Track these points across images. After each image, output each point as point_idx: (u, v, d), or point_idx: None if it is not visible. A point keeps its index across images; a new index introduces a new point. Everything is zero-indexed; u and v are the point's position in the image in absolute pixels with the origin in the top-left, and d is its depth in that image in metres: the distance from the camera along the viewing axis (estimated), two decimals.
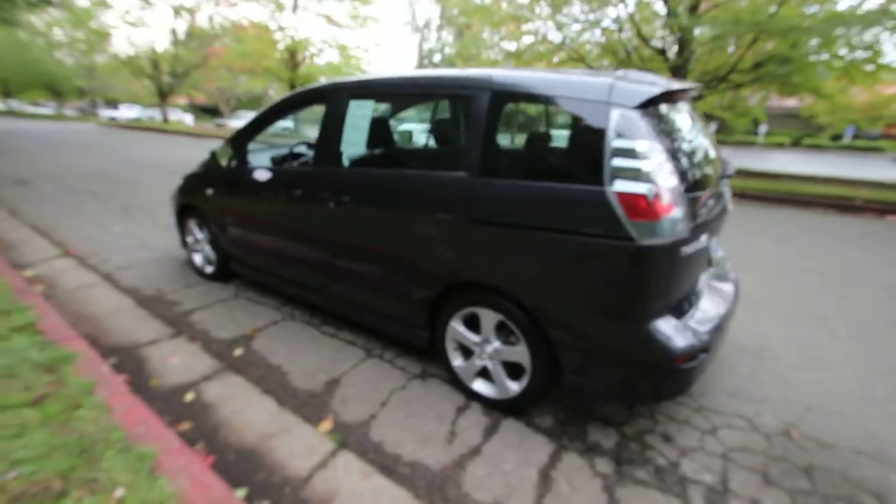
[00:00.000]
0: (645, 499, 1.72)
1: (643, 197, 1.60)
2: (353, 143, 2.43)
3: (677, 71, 10.32)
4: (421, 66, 33.98)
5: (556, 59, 11.92)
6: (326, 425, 2.07)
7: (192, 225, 3.64)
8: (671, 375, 1.73)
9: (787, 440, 2.04)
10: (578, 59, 11.69)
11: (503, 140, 1.96)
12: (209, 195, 3.29)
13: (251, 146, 3.14)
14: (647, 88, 1.69)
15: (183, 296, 3.40)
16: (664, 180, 1.62)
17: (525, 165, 1.87)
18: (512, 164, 1.89)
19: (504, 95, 1.92)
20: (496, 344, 2.09)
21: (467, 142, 1.99)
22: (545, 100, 1.85)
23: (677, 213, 1.63)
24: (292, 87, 18.75)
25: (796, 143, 27.39)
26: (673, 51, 10.28)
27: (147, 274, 3.79)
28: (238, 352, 2.67)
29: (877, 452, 1.98)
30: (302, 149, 3.33)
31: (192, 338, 2.81)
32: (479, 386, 2.21)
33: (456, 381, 2.31)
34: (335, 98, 2.51)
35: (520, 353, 2.02)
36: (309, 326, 2.98)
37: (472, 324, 2.18)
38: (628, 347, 1.74)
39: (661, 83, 1.80)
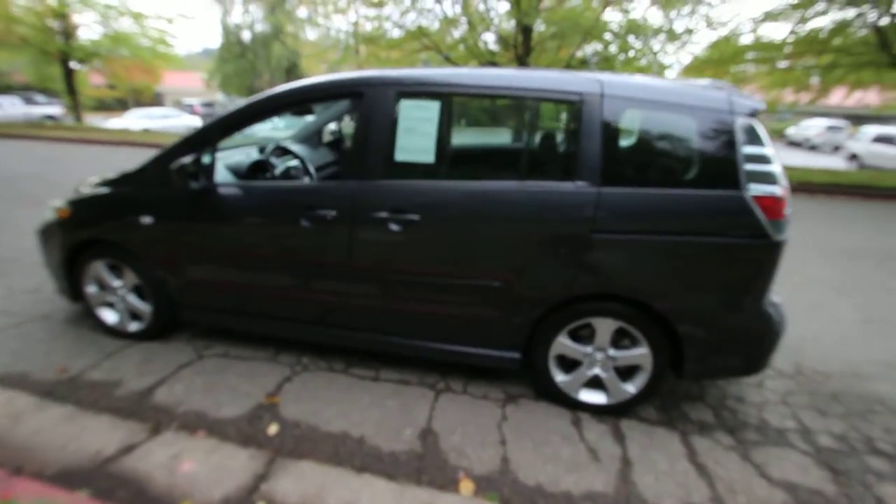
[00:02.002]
0: (777, 458, 1.97)
1: (777, 198, 1.79)
2: (413, 150, 2.04)
3: (521, 61, 11.47)
4: (227, 40, 29.74)
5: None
6: (468, 486, 1.78)
7: (101, 269, 2.56)
8: (774, 345, 2.01)
9: (806, 377, 2.58)
10: (434, 47, 11.93)
11: (620, 148, 1.91)
12: (145, 224, 2.35)
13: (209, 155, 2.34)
14: (754, 100, 1.86)
15: (114, 370, 2.40)
16: (784, 181, 1.83)
17: (648, 173, 1.87)
18: (634, 172, 1.87)
19: (620, 102, 1.87)
20: (611, 351, 2.09)
21: (583, 150, 1.88)
22: (663, 107, 1.88)
23: (790, 209, 1.88)
24: (65, 61, 14.34)
25: None
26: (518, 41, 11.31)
27: (23, 350, 2.53)
28: (272, 428, 2.04)
29: (855, 373, 2.67)
30: (288, 160, 2.63)
31: (185, 427, 2.02)
32: (587, 395, 2.18)
33: (552, 396, 2.23)
34: (376, 95, 2.05)
35: (638, 355, 2.06)
36: (335, 374, 2.45)
37: (576, 336, 2.13)
38: (751, 328, 1.95)
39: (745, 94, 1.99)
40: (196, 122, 20.36)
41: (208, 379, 2.36)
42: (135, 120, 17.54)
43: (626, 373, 2.14)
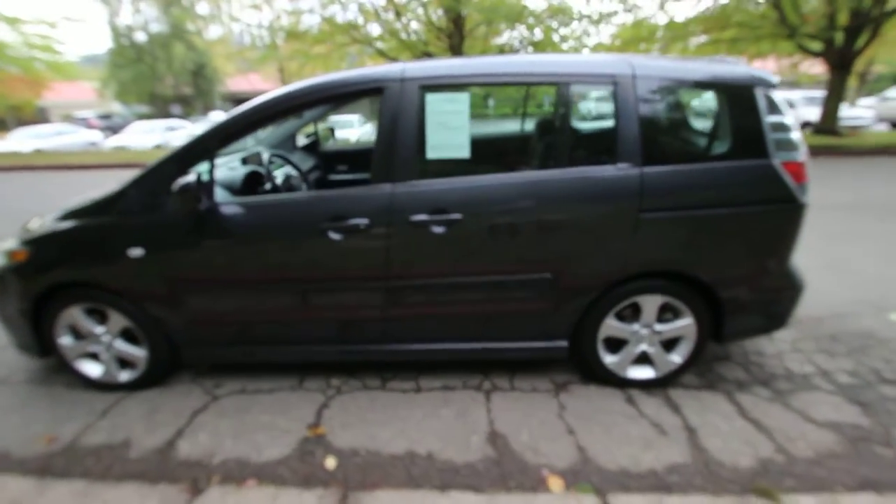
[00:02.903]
0: (812, 401, 2.14)
1: (801, 163, 1.91)
2: (445, 146, 1.93)
3: (455, 51, 11.47)
4: (118, 45, 26.74)
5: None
6: (557, 482, 1.74)
7: (78, 316, 2.18)
8: (798, 300, 2.18)
9: (804, 324, 2.83)
10: (364, 40, 11.56)
11: (657, 127, 1.94)
12: (134, 258, 2.03)
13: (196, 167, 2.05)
14: (770, 73, 1.97)
15: (116, 430, 2.07)
16: (804, 146, 1.96)
17: (684, 150, 1.91)
18: (672, 150, 1.90)
19: (652, 82, 1.89)
20: (657, 326, 2.14)
21: (621, 132, 1.89)
22: (692, 85, 1.93)
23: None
24: None
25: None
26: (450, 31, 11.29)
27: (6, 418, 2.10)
28: (330, 462, 1.87)
29: (839, 314, 2.97)
30: (277, 169, 2.38)
31: (229, 479, 1.80)
32: (636, 372, 2.22)
33: (601, 378, 2.25)
34: (399, 91, 1.91)
35: (683, 326, 2.13)
36: (372, 392, 2.29)
37: (620, 316, 2.16)
38: (781, 287, 2.09)
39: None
40: (95, 136, 18.23)
41: (234, 421, 2.11)
42: (22, 140, 15.33)
43: (668, 345, 2.21)
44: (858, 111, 14.49)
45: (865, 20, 8.49)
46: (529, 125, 2.50)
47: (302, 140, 3.48)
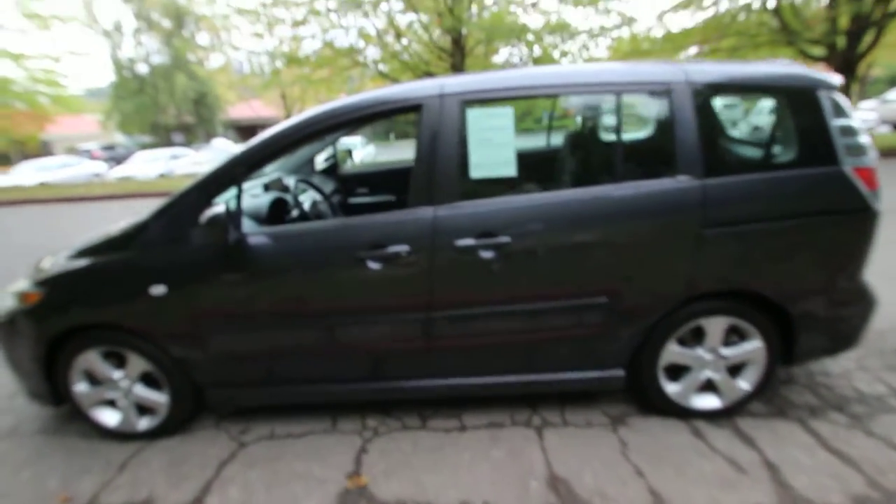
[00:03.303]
0: (894, 426, 1.96)
1: (872, 169, 1.77)
2: (490, 164, 1.80)
3: (457, 69, 11.51)
4: (120, 77, 27.17)
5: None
6: None
7: (94, 361, 2.02)
8: (871, 315, 2.01)
9: (865, 338, 2.64)
10: (365, 64, 11.64)
11: (717, 136, 1.81)
12: (156, 296, 1.88)
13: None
14: (831, 75, 1.85)
15: (137, 485, 1.89)
16: (874, 151, 1.82)
17: (748, 159, 1.78)
18: (735, 160, 1.78)
19: (708, 89, 1.77)
20: (723, 350, 1.97)
21: (679, 142, 1.76)
22: (750, 89, 1.81)
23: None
24: None
25: None
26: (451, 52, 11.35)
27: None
28: None
29: None
30: (302, 194, 2.25)
31: None
32: (701, 401, 2.04)
33: (661, 409, 2.07)
34: (438, 107, 1.79)
35: (752, 349, 1.96)
36: (413, 432, 2.11)
37: (680, 340, 1.99)
38: (854, 301, 1.93)
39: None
40: (99, 168, 18.30)
41: (265, 471, 1.93)
42: (28, 174, 15.37)
43: (733, 370, 2.04)
44: (862, 114, 14.47)
45: (867, 23, 8.50)
46: (578, 138, 2.37)
47: (321, 163, 3.37)
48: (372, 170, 3.61)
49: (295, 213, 2.31)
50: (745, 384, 2.02)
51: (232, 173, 1.86)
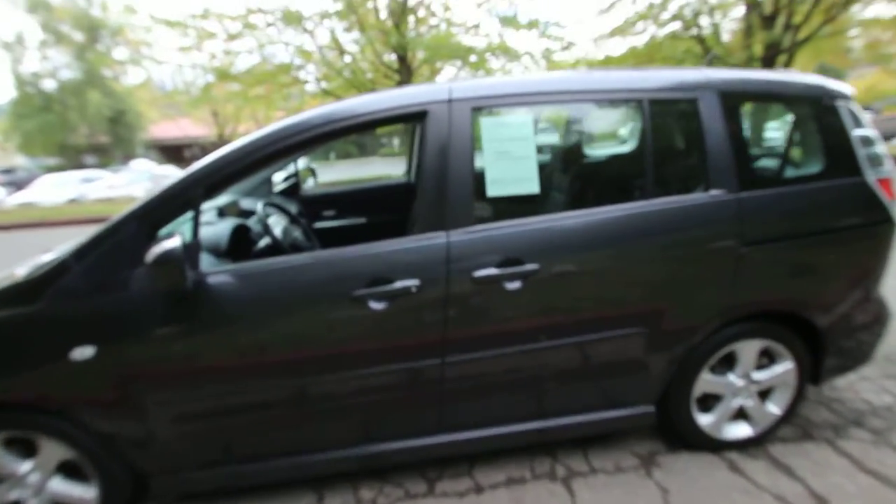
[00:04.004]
0: None
1: (890, 179, 1.73)
2: (509, 181, 1.55)
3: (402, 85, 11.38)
4: (22, 93, 24.39)
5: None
6: None
7: None
8: (886, 331, 1.97)
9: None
10: (306, 81, 11.17)
11: (748, 147, 1.69)
12: (80, 361, 1.41)
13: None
14: (844, 83, 1.80)
15: None
16: (890, 160, 1.79)
17: (778, 171, 1.68)
18: (767, 172, 1.67)
19: (737, 97, 1.65)
20: (755, 374, 1.83)
21: (711, 154, 1.61)
22: (776, 99, 1.73)
23: None
24: None
25: None
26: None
27: None
28: None
29: None
30: (275, 218, 1.86)
31: None
32: (733, 431, 1.89)
33: (692, 443, 1.89)
34: (446, 114, 1.52)
35: (783, 371, 1.84)
36: (421, 501, 1.76)
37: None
38: (875, 314, 1.88)
39: None
40: None
41: None
42: None
43: (762, 395, 1.91)
44: None
45: (778, 51, 9.44)
46: (601, 149, 2.18)
47: (280, 183, 2.96)
48: (342, 190, 3.23)
49: (263, 243, 1.91)
50: (775, 408, 1.89)
51: (185, 196, 1.46)
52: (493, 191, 1.54)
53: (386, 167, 17.59)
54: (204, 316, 1.45)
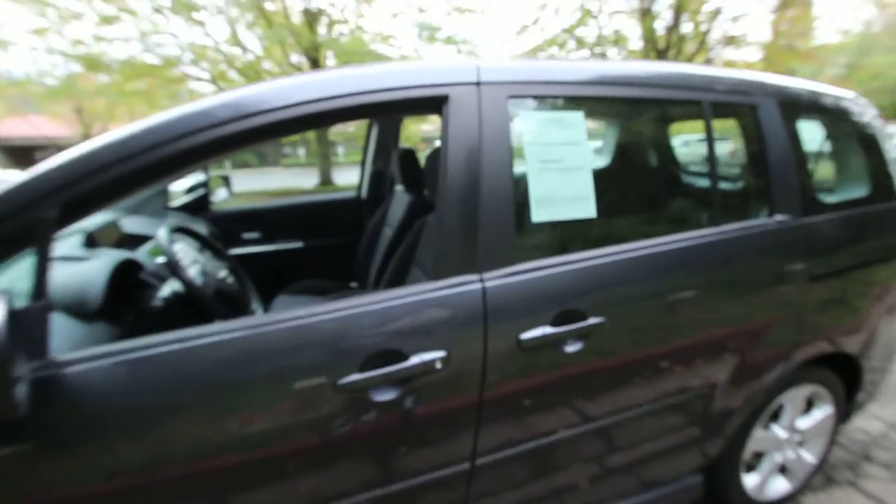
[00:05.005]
0: None
1: None
2: (558, 201, 1.11)
3: None
4: None
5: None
6: None
7: None
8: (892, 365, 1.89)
9: None
10: (197, 78, 9.83)
11: (809, 166, 1.44)
12: None
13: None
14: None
15: None
16: None
17: (839, 193, 1.48)
18: (829, 195, 1.44)
19: (795, 108, 1.41)
20: (798, 423, 1.60)
21: (775, 173, 1.34)
22: (824, 111, 1.52)
23: None
24: None
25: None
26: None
27: None
28: None
29: None
30: (185, 250, 1.19)
31: None
32: (774, 488, 1.64)
33: None
34: (477, 102, 1.04)
35: (821, 416, 1.63)
36: None
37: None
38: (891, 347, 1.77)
39: None
40: None
41: None
42: None
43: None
44: None
45: None
46: (653, 159, 1.77)
47: (182, 195, 2.19)
48: (269, 206, 2.49)
49: (167, 291, 1.21)
50: (810, 457, 1.68)
51: (24, 220, 0.79)
52: (539, 215, 1.08)
53: (291, 178, 16.18)
54: (57, 437, 0.78)
